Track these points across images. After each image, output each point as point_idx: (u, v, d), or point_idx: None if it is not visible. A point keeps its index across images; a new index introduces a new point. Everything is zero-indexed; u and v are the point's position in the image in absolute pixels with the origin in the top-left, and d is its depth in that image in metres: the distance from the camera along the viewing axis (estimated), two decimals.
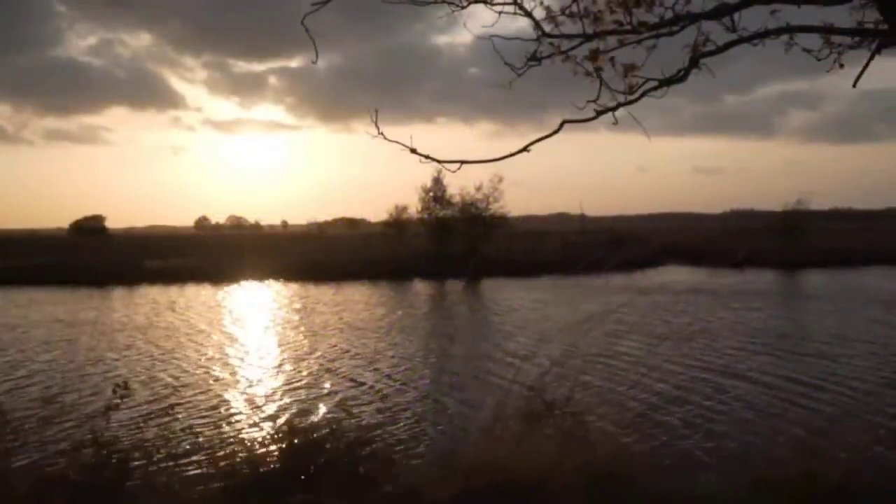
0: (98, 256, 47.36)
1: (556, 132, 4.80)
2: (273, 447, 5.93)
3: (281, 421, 7.96)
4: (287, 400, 13.17)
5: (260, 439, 6.38)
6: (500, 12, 5.98)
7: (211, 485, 5.31)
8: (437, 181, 48.76)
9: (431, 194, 48.94)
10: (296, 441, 5.78)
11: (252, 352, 18.58)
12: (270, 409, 12.55)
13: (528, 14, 6.01)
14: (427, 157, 4.56)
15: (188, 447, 8.19)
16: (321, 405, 12.59)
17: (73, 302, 30.74)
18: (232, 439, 8.30)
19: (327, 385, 14.39)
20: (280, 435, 6.09)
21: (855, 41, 4.86)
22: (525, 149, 4.72)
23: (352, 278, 39.94)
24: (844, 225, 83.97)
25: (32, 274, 39.83)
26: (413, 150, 4.54)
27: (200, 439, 9.20)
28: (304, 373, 15.68)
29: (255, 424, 10.95)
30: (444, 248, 46.74)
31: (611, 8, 5.85)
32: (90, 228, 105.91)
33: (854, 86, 4.76)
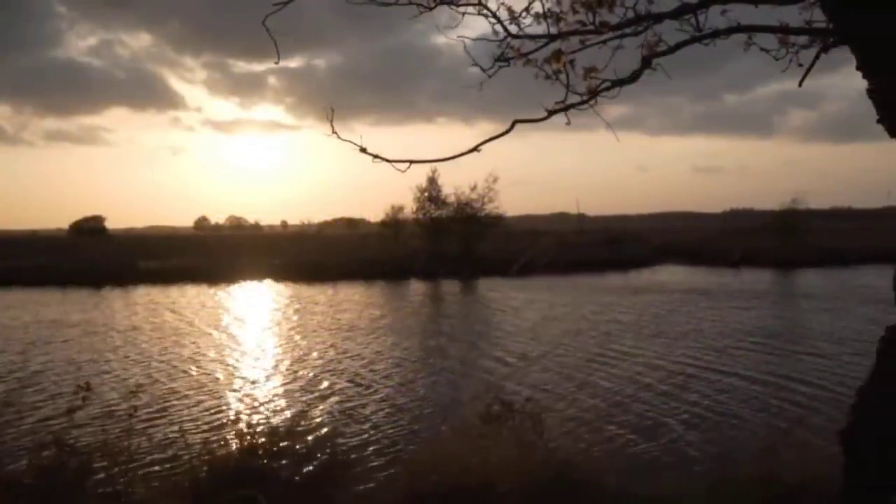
0: (95, 257, 47.33)
1: (507, 132, 4.79)
2: (237, 450, 5.90)
3: (251, 423, 7.89)
4: (264, 402, 13.11)
5: (226, 442, 6.35)
6: (463, 13, 5.98)
7: (168, 489, 5.29)
8: (432, 181, 48.83)
9: (426, 194, 48.98)
10: (260, 444, 5.77)
11: (239, 354, 18.56)
12: (245, 411, 12.47)
13: (493, 14, 5.99)
14: (376, 156, 4.54)
15: (153, 449, 8.18)
16: (295, 407, 12.56)
17: (68, 303, 30.76)
18: (199, 441, 8.25)
19: (306, 387, 14.34)
20: (247, 437, 6.07)
21: (808, 41, 4.84)
22: (475, 149, 4.69)
23: (348, 278, 39.95)
24: (844, 224, 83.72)
25: (29, 275, 39.83)
26: (363, 150, 4.51)
27: (168, 441, 9.18)
28: (287, 374, 15.66)
29: (224, 427, 10.81)
30: (440, 247, 46.74)
31: (574, 8, 5.86)
32: (90, 229, 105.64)
33: (800, 85, 4.73)
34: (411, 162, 4.60)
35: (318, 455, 5.63)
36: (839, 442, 3.95)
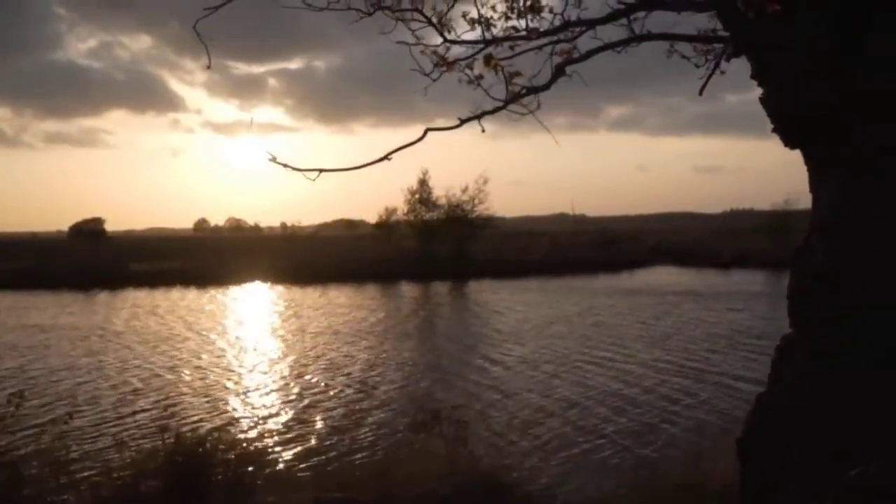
0: (87, 259, 47.20)
1: (419, 140, 4.79)
2: (165, 459, 5.86)
3: (183, 431, 7.62)
4: (212, 410, 12.92)
5: (159, 450, 6.29)
6: (398, 19, 6.00)
7: (96, 496, 5.30)
8: (423, 183, 48.65)
9: (417, 196, 48.77)
10: (188, 453, 5.75)
11: (216, 359, 18.56)
12: (188, 419, 12.25)
13: (429, 21, 6.04)
14: (286, 165, 4.55)
15: (96, 457, 8.14)
16: (239, 414, 12.53)
17: (58, 306, 30.67)
18: (136, 449, 8.18)
19: (273, 392, 14.33)
20: (177, 446, 6.04)
21: (723, 49, 4.84)
22: (386, 157, 4.70)
23: (340, 280, 39.90)
24: None
25: (22, 278, 39.69)
26: (273, 159, 4.53)
27: (113, 449, 9.10)
28: (261, 380, 15.64)
29: (162, 433, 10.54)
30: (431, 249, 46.61)
31: (506, 15, 5.89)
32: (90, 231, 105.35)
33: (700, 93, 4.72)
34: (321, 171, 4.61)
35: (241, 468, 5.60)
36: (736, 450, 3.94)
